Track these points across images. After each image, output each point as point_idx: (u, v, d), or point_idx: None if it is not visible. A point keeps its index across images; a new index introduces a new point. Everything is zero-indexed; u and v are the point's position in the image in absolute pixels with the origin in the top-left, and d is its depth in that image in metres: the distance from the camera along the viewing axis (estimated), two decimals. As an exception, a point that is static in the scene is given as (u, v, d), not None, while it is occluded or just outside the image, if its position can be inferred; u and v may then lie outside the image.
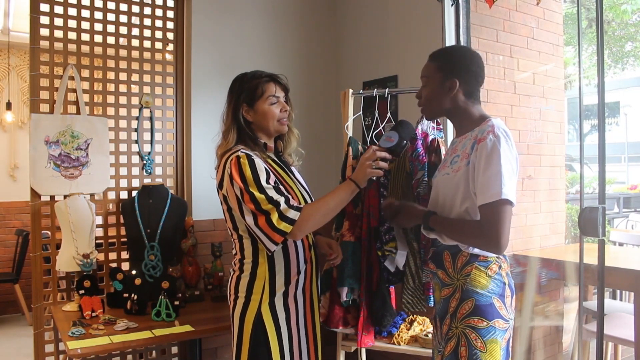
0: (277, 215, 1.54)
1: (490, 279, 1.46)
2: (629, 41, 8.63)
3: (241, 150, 1.63)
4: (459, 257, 1.52)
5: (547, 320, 3.01)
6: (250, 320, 1.66)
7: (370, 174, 1.60)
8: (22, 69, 5.03)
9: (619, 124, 12.39)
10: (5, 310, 4.75)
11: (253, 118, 1.72)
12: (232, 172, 1.59)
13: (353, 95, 2.26)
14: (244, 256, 1.69)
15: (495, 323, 1.43)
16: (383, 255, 2.06)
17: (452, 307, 1.50)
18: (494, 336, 1.43)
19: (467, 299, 1.46)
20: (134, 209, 2.58)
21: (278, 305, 1.68)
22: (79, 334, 2.02)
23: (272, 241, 1.56)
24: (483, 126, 1.51)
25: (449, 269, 1.55)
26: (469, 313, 1.45)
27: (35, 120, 2.50)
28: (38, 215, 2.52)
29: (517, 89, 2.92)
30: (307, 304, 1.76)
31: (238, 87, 1.73)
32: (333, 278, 2.15)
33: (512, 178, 1.42)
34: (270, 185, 1.58)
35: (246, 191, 1.56)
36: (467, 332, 1.44)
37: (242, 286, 1.68)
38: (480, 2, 2.63)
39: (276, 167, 1.73)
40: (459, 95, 1.56)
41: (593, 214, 1.88)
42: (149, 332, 2.06)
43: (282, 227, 1.54)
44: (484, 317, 1.44)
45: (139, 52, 2.80)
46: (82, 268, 2.42)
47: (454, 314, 1.49)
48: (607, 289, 3.12)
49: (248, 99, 1.71)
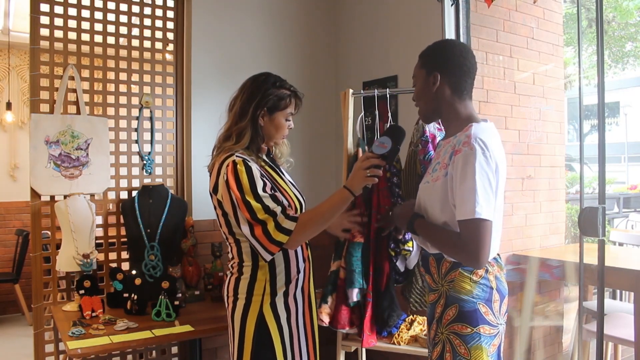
0: (273, 225, 1.54)
1: (475, 285, 1.44)
2: (629, 41, 8.63)
3: (237, 155, 1.61)
4: (443, 263, 1.50)
5: (547, 320, 3.01)
6: (252, 321, 1.65)
7: (365, 182, 1.56)
8: (22, 69, 5.03)
9: (619, 124, 12.38)
10: (5, 310, 4.75)
11: (265, 124, 1.69)
12: (228, 179, 1.57)
13: (353, 95, 2.26)
14: (242, 259, 1.68)
15: (480, 329, 1.41)
16: (396, 255, 2.07)
17: (438, 312, 1.50)
18: (478, 342, 1.41)
19: (451, 305, 1.45)
20: (134, 209, 2.58)
21: (279, 305, 1.68)
22: (79, 334, 2.02)
23: (268, 251, 1.56)
24: (461, 136, 1.46)
25: (434, 274, 1.54)
26: (453, 319, 1.44)
27: (35, 120, 2.50)
28: (38, 215, 2.52)
29: (517, 89, 2.92)
30: (306, 302, 1.77)
31: (265, 90, 1.67)
32: (340, 279, 2.15)
33: (487, 193, 1.37)
34: (267, 193, 1.57)
35: (242, 200, 1.54)
36: (451, 339, 1.44)
37: (242, 288, 1.67)
38: (480, 2, 2.63)
39: (269, 169, 1.72)
40: (445, 90, 1.51)
41: (593, 214, 1.88)
42: (149, 332, 2.06)
43: (279, 238, 1.54)
44: (467, 324, 1.42)
45: (139, 52, 2.80)
46: (82, 268, 2.42)
47: (440, 320, 1.48)
48: (607, 289, 3.12)
49: (271, 106, 1.67)
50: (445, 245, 1.47)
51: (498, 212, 1.45)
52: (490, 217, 1.37)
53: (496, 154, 1.42)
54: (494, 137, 1.46)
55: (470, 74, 1.53)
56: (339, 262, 2.17)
